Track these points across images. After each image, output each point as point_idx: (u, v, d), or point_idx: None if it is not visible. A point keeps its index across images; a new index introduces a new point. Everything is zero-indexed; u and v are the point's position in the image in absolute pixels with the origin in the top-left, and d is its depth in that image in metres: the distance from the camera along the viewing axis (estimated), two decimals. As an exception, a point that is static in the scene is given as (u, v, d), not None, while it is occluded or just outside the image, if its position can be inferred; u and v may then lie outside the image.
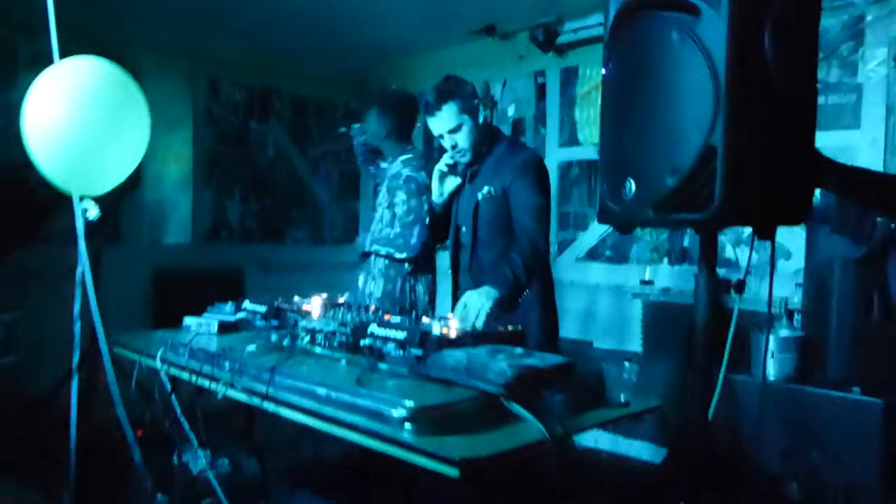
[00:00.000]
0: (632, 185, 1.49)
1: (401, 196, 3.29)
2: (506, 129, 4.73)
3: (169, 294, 4.64)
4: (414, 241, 3.22)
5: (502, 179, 2.64)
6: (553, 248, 4.67)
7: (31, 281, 3.76)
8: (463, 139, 2.66)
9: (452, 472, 1.50)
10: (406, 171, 3.32)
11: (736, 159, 1.36)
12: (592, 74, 4.59)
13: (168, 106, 4.82)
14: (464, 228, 2.79)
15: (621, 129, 1.57)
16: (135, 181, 2.72)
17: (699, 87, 1.39)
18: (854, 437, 2.83)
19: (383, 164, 3.54)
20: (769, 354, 3.10)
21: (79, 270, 2.70)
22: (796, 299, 3.44)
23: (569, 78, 4.77)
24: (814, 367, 3.10)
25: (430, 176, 3.01)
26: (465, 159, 2.72)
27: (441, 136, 2.70)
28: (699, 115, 1.38)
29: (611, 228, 4.57)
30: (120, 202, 4.19)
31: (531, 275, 2.52)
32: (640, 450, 4.10)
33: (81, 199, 2.61)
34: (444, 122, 2.63)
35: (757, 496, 2.86)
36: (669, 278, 4.35)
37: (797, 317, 3.40)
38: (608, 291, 4.67)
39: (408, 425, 1.63)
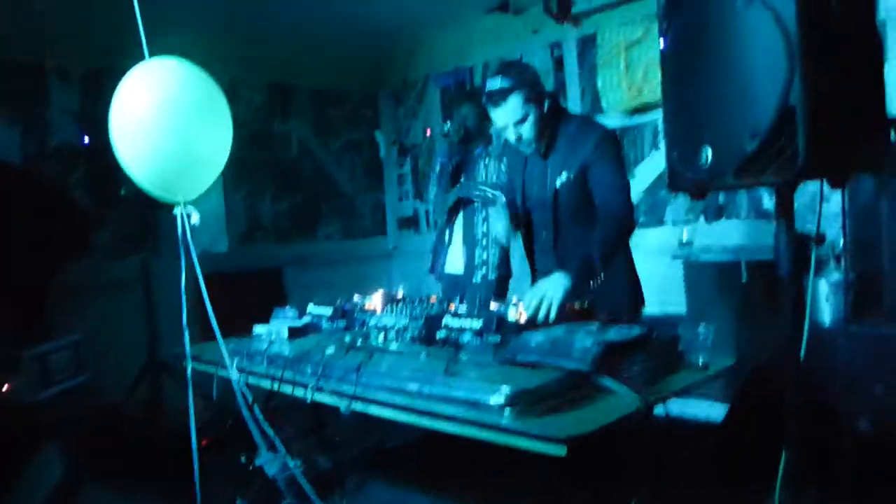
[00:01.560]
0: (708, 152, 1.50)
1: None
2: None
3: (213, 300, 4.70)
4: None
5: (579, 159, 2.55)
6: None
7: (87, 296, 3.83)
8: (528, 130, 2.56)
9: (559, 450, 1.53)
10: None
11: (815, 116, 1.38)
12: (612, 39, 4.53)
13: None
14: (539, 213, 2.73)
15: (688, 98, 1.59)
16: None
17: (770, 49, 1.41)
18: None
19: (478, 149, 3.87)
20: (825, 298, 3.13)
21: (183, 278, 2.54)
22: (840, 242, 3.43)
23: (586, 46, 4.73)
24: (869, 305, 3.10)
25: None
26: (530, 150, 2.66)
27: (504, 128, 2.58)
28: (773, 77, 1.40)
29: (641, 195, 4.58)
30: (158, 216, 4.24)
31: (613, 256, 2.48)
32: (700, 409, 4.09)
33: (183, 205, 2.41)
34: (509, 114, 2.52)
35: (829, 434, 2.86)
36: (707, 236, 4.33)
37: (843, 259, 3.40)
38: (646, 256, 4.64)
39: (507, 410, 1.65)
